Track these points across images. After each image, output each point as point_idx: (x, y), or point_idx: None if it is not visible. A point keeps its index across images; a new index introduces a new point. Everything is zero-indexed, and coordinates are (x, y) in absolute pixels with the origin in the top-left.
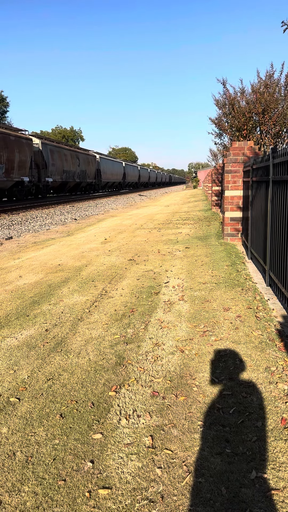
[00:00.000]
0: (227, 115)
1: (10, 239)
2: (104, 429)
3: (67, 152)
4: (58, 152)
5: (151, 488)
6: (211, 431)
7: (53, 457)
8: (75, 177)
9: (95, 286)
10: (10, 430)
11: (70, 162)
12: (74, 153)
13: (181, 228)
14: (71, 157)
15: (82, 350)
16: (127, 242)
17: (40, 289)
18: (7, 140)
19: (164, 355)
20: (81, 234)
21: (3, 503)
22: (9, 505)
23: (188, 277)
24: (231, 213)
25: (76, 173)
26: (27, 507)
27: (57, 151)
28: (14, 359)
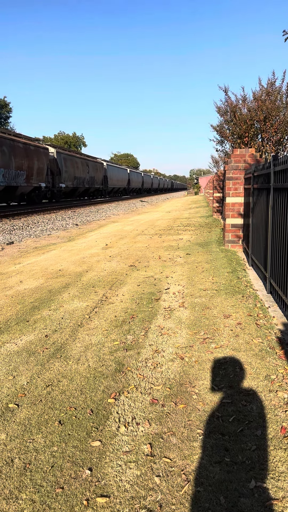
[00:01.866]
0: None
1: (11, 244)
2: (103, 437)
3: (78, 160)
4: (70, 160)
5: (149, 497)
6: (210, 439)
7: (51, 464)
8: (85, 183)
9: (96, 292)
10: (9, 437)
11: (80, 169)
12: (84, 161)
13: (182, 234)
14: (82, 164)
15: (82, 357)
16: (128, 248)
17: (40, 294)
18: (28, 150)
19: (164, 362)
20: (82, 240)
21: (1, 510)
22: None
23: (189, 283)
24: (232, 220)
25: (85, 179)
26: None
27: (70, 159)
28: (14, 364)
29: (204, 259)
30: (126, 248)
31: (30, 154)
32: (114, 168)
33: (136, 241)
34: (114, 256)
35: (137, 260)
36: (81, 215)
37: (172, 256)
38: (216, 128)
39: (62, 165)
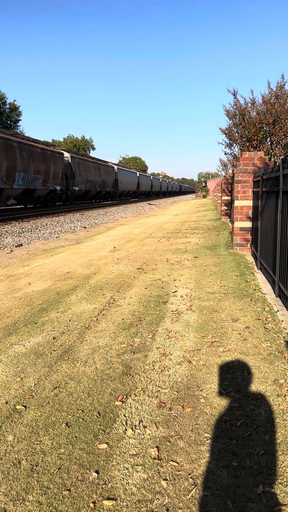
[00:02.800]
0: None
1: (20, 246)
2: (110, 439)
3: (91, 164)
4: (83, 164)
5: (156, 501)
6: (218, 443)
7: (58, 467)
8: (97, 186)
9: (103, 295)
10: (16, 438)
11: (93, 172)
12: (96, 165)
13: (190, 237)
14: (94, 168)
15: (89, 359)
16: (136, 251)
17: (48, 296)
18: (45, 155)
19: (171, 365)
20: (90, 242)
21: (7, 511)
22: None
23: (197, 286)
24: (240, 223)
25: (97, 182)
26: None
27: (83, 163)
28: (21, 366)
29: (212, 262)
30: (134, 251)
31: (47, 158)
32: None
33: (144, 244)
34: (122, 259)
35: (144, 263)
36: (90, 217)
37: (180, 259)
38: (224, 131)
39: (76, 169)
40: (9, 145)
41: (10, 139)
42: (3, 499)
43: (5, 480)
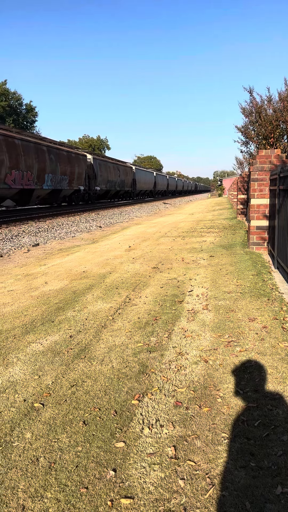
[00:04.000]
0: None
1: (36, 246)
2: (126, 438)
3: (111, 165)
4: (104, 165)
5: (173, 500)
6: (235, 443)
7: (76, 464)
8: (116, 186)
9: (119, 294)
10: (34, 436)
11: (113, 173)
12: (116, 165)
13: (206, 236)
14: (113, 168)
15: (106, 358)
16: (151, 250)
17: (65, 295)
18: (70, 157)
19: (187, 364)
20: (105, 242)
21: (26, 508)
22: (32, 510)
23: (213, 286)
24: (257, 222)
25: (117, 182)
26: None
27: (104, 164)
28: (39, 364)
29: (228, 262)
30: (149, 250)
31: (72, 160)
32: (141, 172)
33: (159, 243)
34: (137, 258)
35: (160, 262)
36: (105, 217)
37: (196, 258)
38: (240, 129)
39: (97, 170)
40: (39, 149)
41: (40, 143)
42: (22, 496)
43: (24, 477)
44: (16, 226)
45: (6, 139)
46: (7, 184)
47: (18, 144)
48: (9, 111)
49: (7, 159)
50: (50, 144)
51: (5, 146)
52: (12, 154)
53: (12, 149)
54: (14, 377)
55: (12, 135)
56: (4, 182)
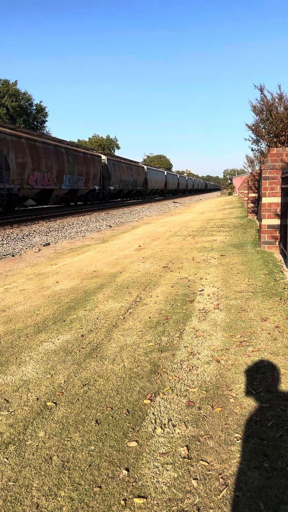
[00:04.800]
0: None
1: (47, 245)
2: (139, 437)
3: (124, 165)
4: (117, 165)
5: (186, 500)
6: (248, 444)
7: (89, 463)
8: (129, 185)
9: (130, 293)
10: (47, 435)
11: (125, 173)
12: (129, 166)
13: (216, 235)
14: (126, 169)
15: (117, 357)
16: (161, 249)
17: (76, 295)
18: (86, 158)
19: (199, 364)
20: (115, 241)
21: (40, 506)
22: (46, 509)
23: (224, 285)
24: (268, 221)
25: (129, 182)
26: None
27: (117, 165)
28: (51, 363)
29: (239, 261)
30: (160, 249)
31: (88, 162)
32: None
33: (169, 242)
34: (148, 257)
35: (170, 262)
36: (114, 216)
37: (206, 258)
38: (251, 127)
39: (111, 170)
40: (59, 151)
41: (59, 146)
42: (36, 494)
43: (37, 476)
44: (27, 225)
45: (29, 142)
46: (30, 184)
47: (40, 146)
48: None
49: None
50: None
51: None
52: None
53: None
54: (27, 376)
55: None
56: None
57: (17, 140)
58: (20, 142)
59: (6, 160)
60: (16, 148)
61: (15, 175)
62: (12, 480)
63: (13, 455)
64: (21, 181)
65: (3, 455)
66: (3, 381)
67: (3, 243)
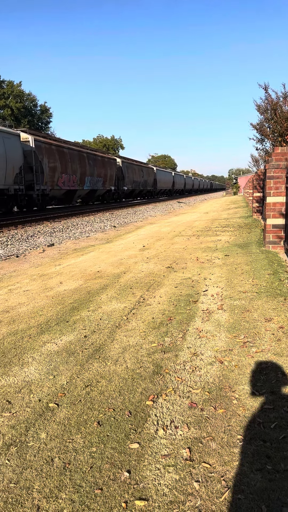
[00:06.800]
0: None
1: (51, 246)
2: (141, 439)
3: (136, 167)
4: (130, 167)
5: (188, 502)
6: (251, 446)
7: (90, 465)
8: (140, 186)
9: (133, 294)
10: (49, 436)
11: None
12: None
13: (221, 235)
14: (138, 170)
15: (120, 358)
16: (165, 250)
17: (79, 295)
18: (104, 162)
19: (202, 365)
20: (119, 241)
21: (41, 508)
22: (47, 511)
23: (228, 285)
24: (273, 220)
25: (140, 182)
26: None
27: (130, 166)
28: (54, 364)
29: (244, 261)
30: (164, 250)
31: (105, 164)
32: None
33: (173, 243)
34: (152, 258)
35: (174, 262)
36: (119, 217)
37: (210, 258)
38: (256, 127)
39: (125, 171)
40: (81, 156)
41: (82, 151)
42: (37, 496)
43: (39, 477)
44: (32, 226)
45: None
46: (58, 186)
47: (66, 152)
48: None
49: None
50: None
51: (58, 155)
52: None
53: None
54: (29, 377)
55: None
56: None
57: (49, 147)
58: (51, 149)
59: (41, 165)
60: (48, 154)
61: (48, 178)
62: (13, 482)
63: (14, 456)
64: (52, 183)
65: (5, 457)
66: (6, 382)
67: (8, 243)
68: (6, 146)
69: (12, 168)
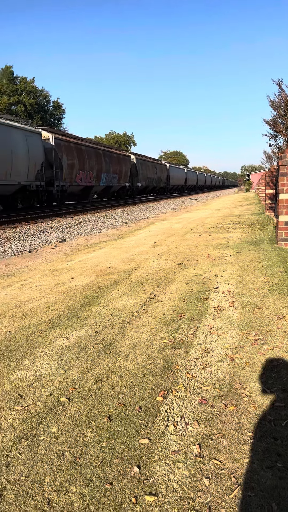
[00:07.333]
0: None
1: (63, 241)
2: (151, 435)
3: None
4: (144, 164)
5: (198, 498)
6: (261, 443)
7: (101, 460)
8: (153, 182)
9: (144, 290)
10: (60, 430)
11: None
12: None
13: (232, 232)
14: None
15: (131, 353)
16: (176, 246)
17: (90, 291)
18: (119, 158)
19: (213, 362)
20: (131, 238)
21: (52, 502)
22: (57, 504)
23: (239, 282)
24: (286, 217)
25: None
26: (74, 508)
27: (144, 163)
28: (65, 359)
29: (256, 258)
30: (175, 246)
31: (120, 161)
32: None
33: (184, 239)
34: (163, 254)
35: (185, 258)
36: (130, 213)
37: (222, 255)
38: (269, 123)
39: (139, 168)
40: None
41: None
42: (48, 489)
43: (49, 471)
44: (44, 222)
45: (76, 146)
46: (76, 182)
47: (84, 149)
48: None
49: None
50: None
51: (76, 152)
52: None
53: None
54: (41, 371)
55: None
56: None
57: (68, 144)
58: (70, 146)
59: (61, 162)
60: (67, 152)
61: (66, 174)
62: (24, 475)
63: (25, 450)
64: (70, 179)
65: (16, 450)
66: (18, 376)
67: (20, 239)
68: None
69: (34, 165)
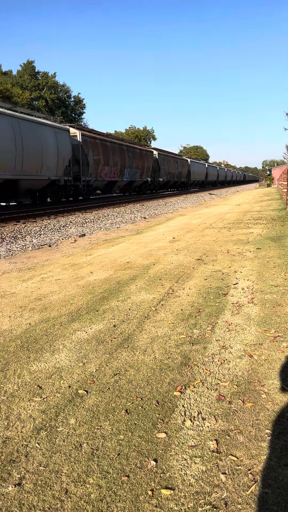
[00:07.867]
0: None
1: (83, 236)
2: (168, 429)
3: (171, 159)
4: (166, 159)
5: (214, 494)
6: (279, 440)
7: (118, 452)
8: (174, 177)
9: (162, 285)
10: (78, 422)
11: (172, 166)
12: (175, 159)
13: (253, 228)
14: (173, 162)
15: (148, 348)
16: (195, 242)
17: (109, 285)
18: (142, 154)
19: (231, 358)
20: (149, 233)
21: (69, 492)
22: (75, 495)
23: (259, 279)
24: None
25: (175, 174)
26: (91, 499)
27: (165, 158)
28: (84, 352)
29: (276, 254)
30: (194, 242)
31: (143, 156)
32: (195, 164)
33: (203, 235)
34: (181, 250)
35: (204, 254)
36: (149, 208)
37: (241, 251)
38: None
39: (161, 163)
40: (121, 149)
41: (122, 144)
42: (65, 480)
43: (67, 462)
44: (64, 216)
45: (101, 142)
46: (101, 177)
47: (109, 146)
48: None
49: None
50: (128, 144)
51: (101, 148)
52: (105, 154)
53: (105, 150)
54: (60, 364)
55: (105, 139)
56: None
57: (94, 141)
58: (96, 143)
59: (87, 158)
60: (93, 148)
61: (92, 170)
62: (42, 465)
63: (44, 440)
64: (96, 174)
65: (35, 440)
66: (37, 368)
67: (41, 233)
68: (58, 140)
69: (63, 161)
